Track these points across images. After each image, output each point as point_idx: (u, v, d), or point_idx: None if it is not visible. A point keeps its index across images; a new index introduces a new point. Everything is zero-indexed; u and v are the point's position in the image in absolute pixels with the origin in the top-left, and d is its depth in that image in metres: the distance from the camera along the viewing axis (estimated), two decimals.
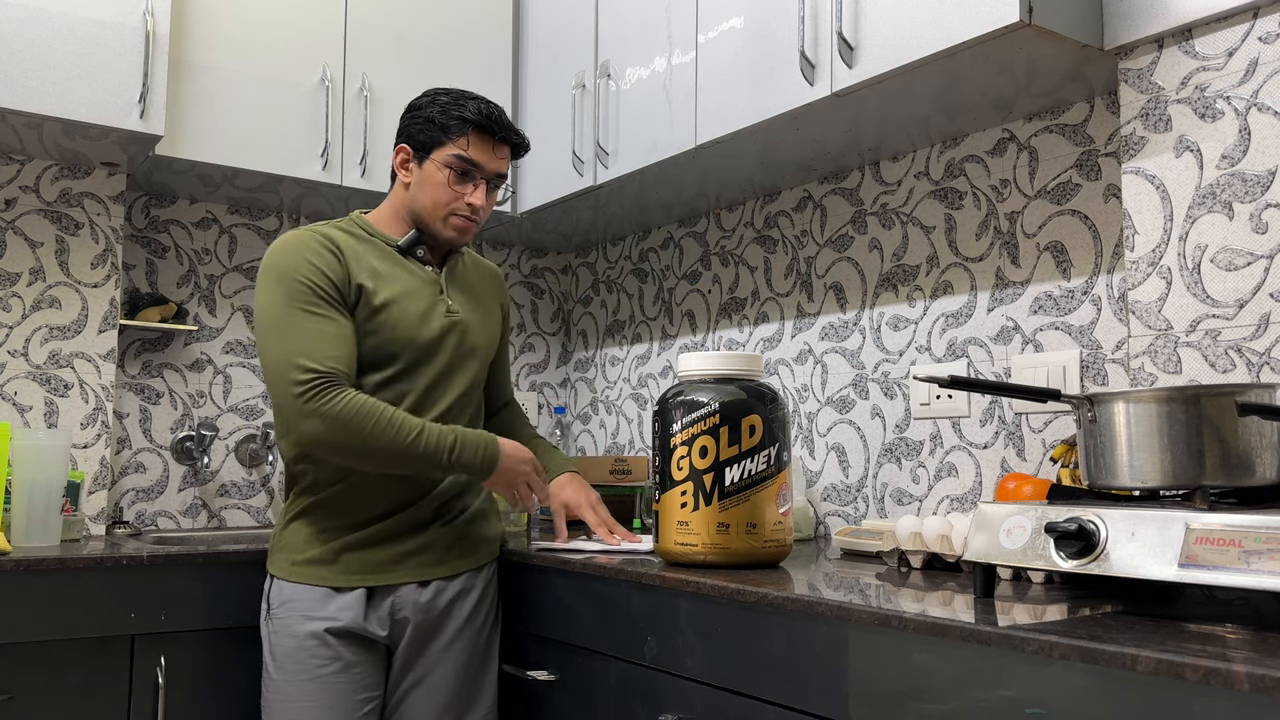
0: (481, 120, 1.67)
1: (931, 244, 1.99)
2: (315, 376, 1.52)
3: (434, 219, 1.69)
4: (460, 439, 1.59)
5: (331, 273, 1.60)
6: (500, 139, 1.69)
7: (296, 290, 1.57)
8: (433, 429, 1.57)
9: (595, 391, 2.91)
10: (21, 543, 1.86)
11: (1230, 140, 1.45)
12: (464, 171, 1.68)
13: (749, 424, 1.51)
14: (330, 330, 1.56)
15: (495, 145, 1.69)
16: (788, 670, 1.28)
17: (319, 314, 1.56)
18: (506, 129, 1.70)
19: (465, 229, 1.71)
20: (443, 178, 1.67)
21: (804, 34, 1.78)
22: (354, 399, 1.53)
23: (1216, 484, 1.14)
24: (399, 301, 1.65)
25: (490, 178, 1.70)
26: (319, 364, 1.53)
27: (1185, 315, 1.47)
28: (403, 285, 1.67)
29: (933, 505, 1.94)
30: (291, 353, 1.53)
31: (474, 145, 1.67)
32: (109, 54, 2.02)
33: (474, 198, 1.68)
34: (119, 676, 1.76)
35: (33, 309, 2.18)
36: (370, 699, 1.63)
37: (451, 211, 1.69)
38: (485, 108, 1.68)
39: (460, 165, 1.67)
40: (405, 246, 1.71)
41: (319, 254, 1.60)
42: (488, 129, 1.68)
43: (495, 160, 1.70)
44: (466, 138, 1.67)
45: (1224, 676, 0.85)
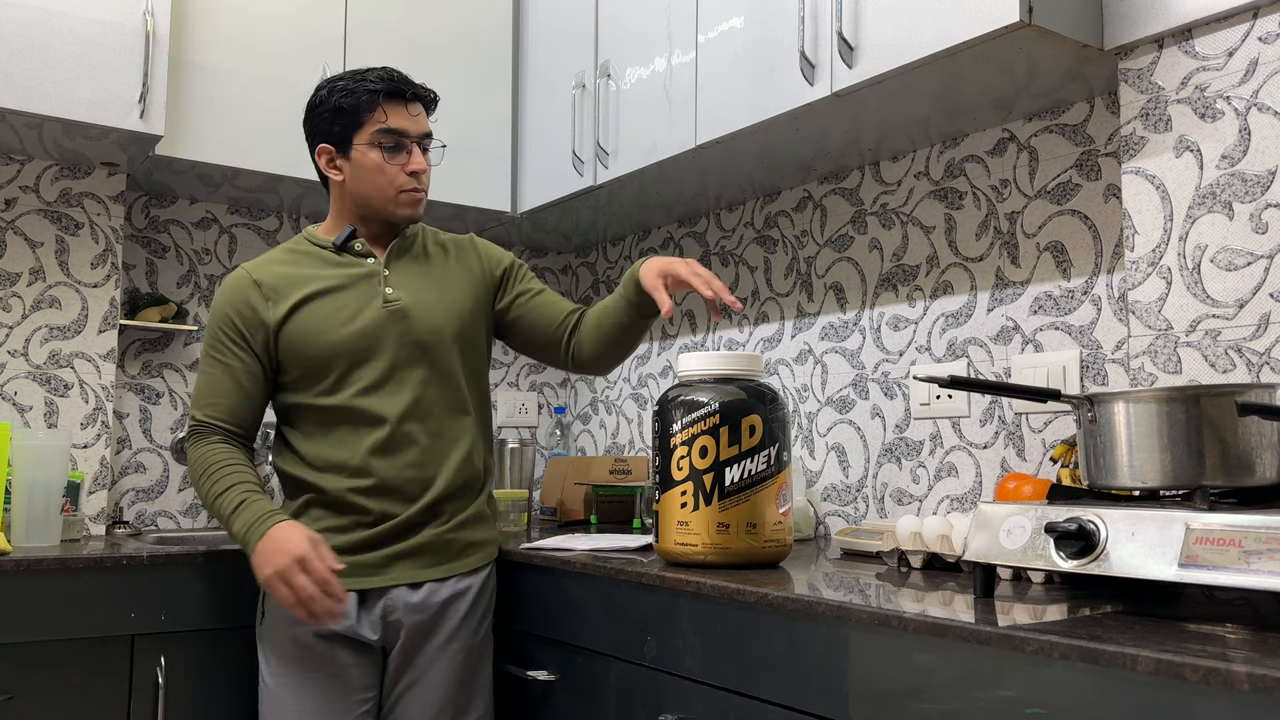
0: (388, 85, 1.65)
1: (931, 244, 1.99)
2: (194, 425, 1.66)
3: (384, 202, 1.67)
4: (244, 504, 1.55)
5: (238, 315, 1.65)
6: (411, 97, 1.67)
7: (211, 335, 1.67)
8: (234, 491, 1.57)
9: (595, 391, 2.91)
10: (21, 543, 1.86)
11: (1230, 140, 1.45)
12: (394, 144, 1.65)
13: (749, 424, 1.51)
14: (216, 377, 1.66)
15: (409, 106, 1.67)
16: (788, 670, 1.28)
17: (217, 359, 1.66)
18: (414, 86, 1.68)
19: (417, 201, 1.68)
20: (375, 159, 1.65)
21: (804, 34, 1.78)
22: (196, 451, 1.63)
23: (1216, 484, 1.14)
24: (324, 301, 1.64)
25: (418, 139, 1.68)
26: (200, 412, 1.65)
27: (1185, 315, 1.47)
28: (331, 285, 1.66)
29: (933, 505, 1.94)
30: (193, 397, 1.68)
31: (391, 114, 1.65)
32: (109, 54, 2.02)
33: (414, 164, 1.66)
34: (119, 676, 1.76)
35: (33, 309, 2.18)
36: (365, 700, 1.63)
37: (398, 188, 1.66)
38: (385, 72, 1.66)
39: (388, 139, 1.65)
40: (339, 243, 1.69)
41: (233, 298, 1.67)
42: (396, 93, 1.65)
43: (415, 121, 1.67)
44: (380, 109, 1.64)
45: (1224, 676, 0.85)
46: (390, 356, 1.65)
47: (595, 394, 2.91)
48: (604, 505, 2.38)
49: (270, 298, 1.65)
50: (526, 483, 2.45)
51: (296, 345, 1.63)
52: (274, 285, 1.66)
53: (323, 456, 1.63)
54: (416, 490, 1.65)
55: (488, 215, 2.57)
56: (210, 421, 1.64)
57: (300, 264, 1.69)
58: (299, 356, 1.63)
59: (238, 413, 1.65)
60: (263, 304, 1.65)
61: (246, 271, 1.68)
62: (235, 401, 1.65)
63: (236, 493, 1.57)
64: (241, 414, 1.65)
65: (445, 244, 1.79)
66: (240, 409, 1.65)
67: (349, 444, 1.63)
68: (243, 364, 1.65)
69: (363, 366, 1.64)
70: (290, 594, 1.47)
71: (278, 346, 1.64)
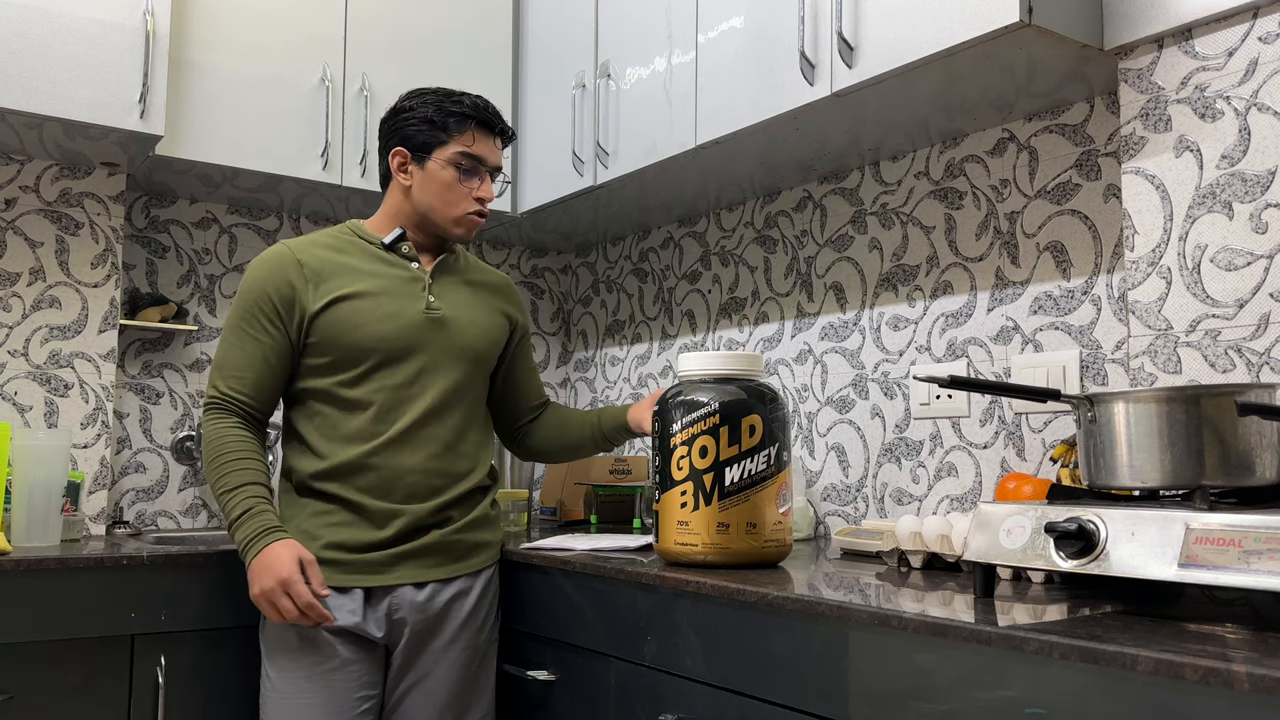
0: (482, 115, 1.71)
1: (931, 244, 1.99)
2: (211, 397, 1.65)
3: (445, 219, 1.71)
4: (250, 512, 1.57)
5: (277, 293, 1.64)
6: (498, 131, 1.74)
7: (242, 307, 1.66)
8: (242, 493, 1.58)
9: (595, 391, 2.91)
10: (21, 543, 1.86)
11: (1230, 140, 1.45)
12: (470, 168, 1.70)
13: (749, 424, 1.51)
14: (245, 351, 1.64)
15: (493, 138, 1.74)
16: (788, 670, 1.28)
17: (248, 333, 1.65)
18: (502, 121, 1.75)
19: (475, 225, 1.74)
20: (449, 176, 1.70)
21: (804, 34, 1.78)
22: (215, 428, 1.63)
23: (1216, 484, 1.14)
24: (368, 298, 1.66)
25: (492, 170, 1.74)
26: (222, 384, 1.64)
27: (1185, 315, 1.47)
28: (378, 283, 1.68)
29: (933, 505, 1.94)
30: (214, 368, 1.67)
31: (478, 140, 1.71)
32: (109, 54, 2.02)
33: (483, 191, 1.72)
34: (119, 676, 1.76)
35: (33, 309, 2.18)
36: (367, 698, 1.63)
37: (463, 210, 1.71)
38: (481, 102, 1.73)
39: (467, 162, 1.70)
40: (389, 243, 1.72)
41: (274, 273, 1.65)
42: (488, 123, 1.72)
43: (495, 153, 1.74)
44: (470, 133, 1.70)
45: (1224, 676, 0.85)
46: (422, 361, 1.68)
47: (595, 394, 2.91)
48: (604, 505, 2.38)
49: (312, 280, 1.65)
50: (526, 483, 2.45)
51: (333, 333, 1.64)
52: (317, 269, 1.66)
53: (335, 451, 1.64)
54: (427, 492, 1.67)
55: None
56: (233, 396, 1.63)
57: (346, 253, 1.70)
58: (334, 344, 1.64)
59: (261, 390, 1.65)
60: (303, 285, 1.65)
61: (290, 249, 1.68)
62: (261, 378, 1.64)
63: (244, 496, 1.58)
64: (265, 392, 1.65)
65: (485, 275, 1.86)
66: (264, 386, 1.65)
67: (363, 439, 1.64)
68: (274, 341, 1.64)
69: (394, 365, 1.66)
70: (277, 614, 1.54)
71: (310, 330, 1.65)
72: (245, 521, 1.56)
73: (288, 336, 1.65)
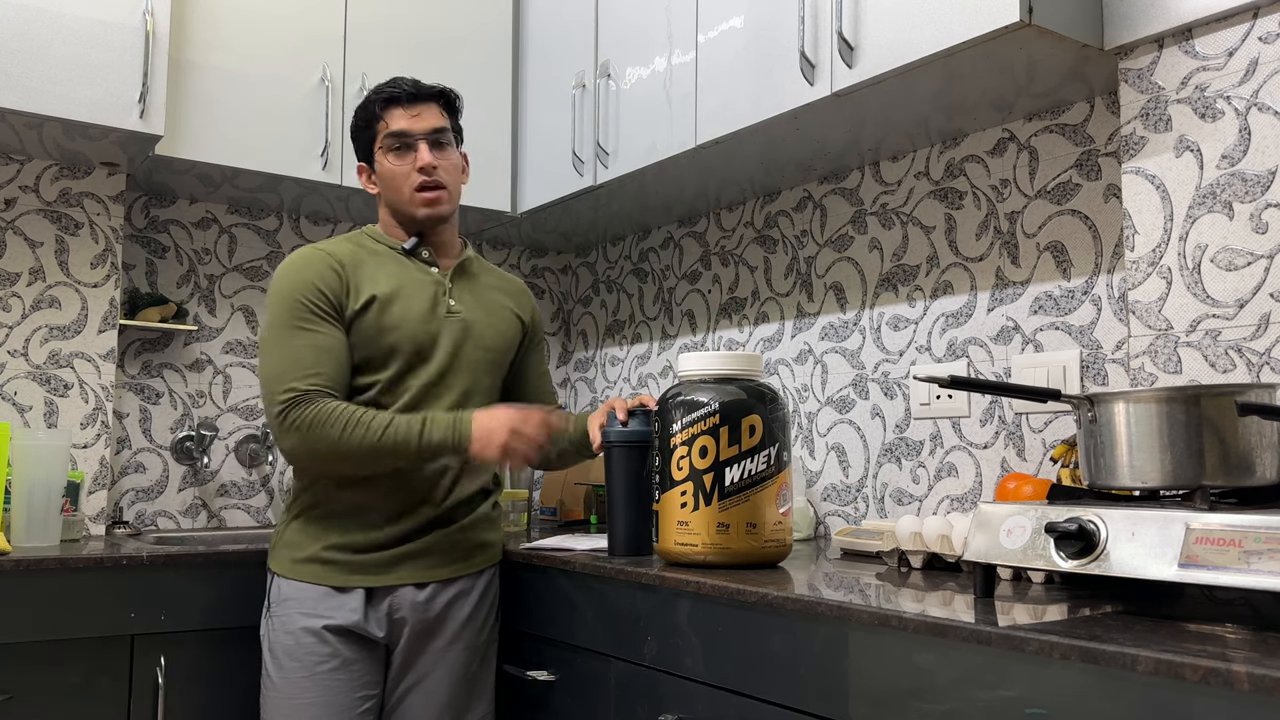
0: (386, 93, 1.71)
1: (931, 244, 1.99)
2: (294, 394, 1.56)
3: (405, 203, 1.72)
4: (429, 420, 1.57)
5: (328, 288, 1.62)
6: (408, 99, 1.70)
7: (294, 307, 1.61)
8: (400, 419, 1.56)
9: (595, 391, 2.91)
10: (21, 543, 1.86)
11: (1230, 140, 1.45)
12: (397, 146, 1.70)
13: (749, 424, 1.51)
14: (317, 344, 1.59)
15: (408, 108, 1.70)
16: (788, 670, 1.28)
17: (309, 329, 1.60)
18: (412, 85, 1.71)
19: (435, 199, 1.71)
20: (389, 164, 1.71)
21: (804, 34, 1.78)
22: (323, 408, 1.55)
23: (1216, 484, 1.14)
24: (401, 300, 1.67)
25: (424, 136, 1.70)
26: (298, 381, 1.56)
27: (1185, 315, 1.47)
28: (404, 286, 1.69)
29: (933, 505, 1.94)
30: (277, 372, 1.57)
31: (391, 119, 1.70)
32: (109, 54, 2.02)
33: (420, 160, 1.69)
34: (119, 676, 1.76)
35: (33, 309, 2.18)
36: (368, 698, 1.63)
37: (411, 187, 1.70)
38: (389, 82, 1.72)
39: (393, 142, 1.70)
40: (410, 248, 1.73)
41: (319, 271, 1.63)
42: (392, 98, 1.71)
43: (418, 119, 1.71)
44: (384, 117, 1.71)
45: (1224, 676, 0.85)
46: (443, 363, 1.68)
47: (595, 394, 2.91)
48: (604, 505, 2.38)
49: (350, 280, 1.65)
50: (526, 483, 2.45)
51: (368, 334, 1.64)
52: (352, 272, 1.66)
53: None
54: (440, 494, 1.67)
55: (488, 215, 2.57)
56: (318, 388, 1.57)
57: (371, 257, 1.70)
58: (366, 345, 1.64)
59: (338, 383, 1.60)
60: (345, 285, 1.65)
61: (324, 251, 1.67)
62: (335, 371, 1.60)
63: (404, 419, 1.56)
64: (340, 384, 1.61)
65: (500, 279, 1.87)
66: (339, 379, 1.60)
67: None
68: (336, 332, 1.62)
69: (418, 368, 1.67)
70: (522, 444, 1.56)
71: (349, 331, 1.64)
72: (432, 426, 1.56)
73: (343, 330, 1.63)
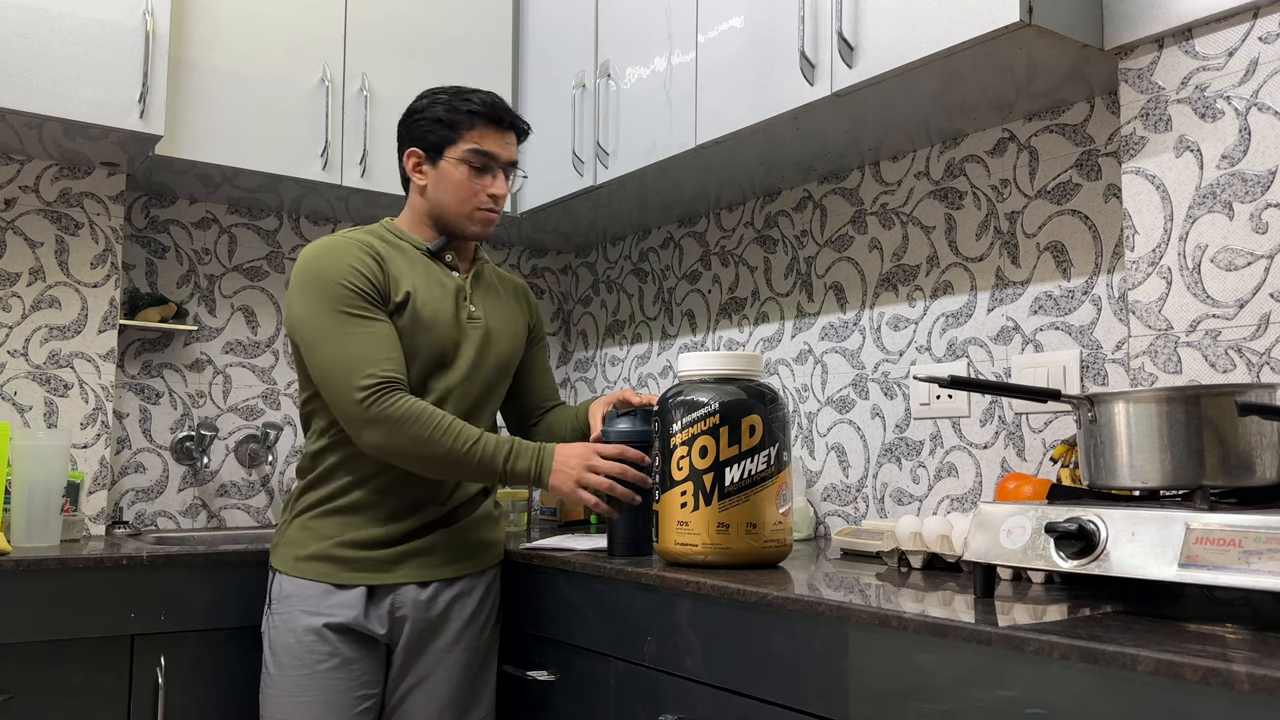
0: (489, 111, 1.70)
1: (931, 244, 1.99)
2: (377, 383, 1.53)
3: (459, 216, 1.71)
4: (515, 448, 1.58)
5: (373, 276, 1.61)
6: (508, 126, 1.72)
7: (341, 295, 1.57)
8: (489, 438, 1.57)
9: (595, 391, 2.91)
10: (21, 543, 1.86)
11: (1230, 140, 1.45)
12: (482, 165, 1.70)
13: (749, 424, 1.51)
14: (383, 333, 1.58)
15: (504, 133, 1.72)
16: (788, 670, 1.28)
17: (368, 318, 1.58)
18: (512, 116, 1.73)
19: (490, 221, 1.73)
20: (462, 174, 1.69)
21: (804, 34, 1.78)
22: (414, 405, 1.54)
23: (1216, 484, 1.14)
24: (429, 305, 1.66)
25: (505, 165, 1.73)
26: (379, 369, 1.54)
27: (1185, 315, 1.47)
28: (431, 289, 1.68)
29: (933, 505, 1.94)
30: (351, 359, 1.54)
31: (486, 137, 1.70)
32: (109, 54, 2.02)
33: (495, 188, 1.71)
34: (119, 676, 1.76)
35: (33, 309, 2.18)
36: (368, 696, 1.63)
37: (475, 206, 1.70)
38: (489, 98, 1.71)
39: (477, 159, 1.69)
40: (435, 250, 1.72)
41: (359, 258, 1.61)
42: (496, 118, 1.70)
43: (507, 148, 1.73)
44: (477, 130, 1.69)
45: (1224, 676, 0.85)
46: (465, 368, 1.68)
47: (595, 394, 2.91)
48: None
49: (389, 277, 1.64)
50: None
51: (406, 332, 1.63)
52: (388, 267, 1.64)
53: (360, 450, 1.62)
54: (444, 493, 1.68)
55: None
56: (396, 375, 1.55)
57: (401, 255, 1.69)
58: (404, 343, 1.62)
59: (404, 370, 1.59)
60: (386, 281, 1.63)
61: (363, 243, 1.64)
62: (401, 357, 1.58)
63: (493, 440, 1.56)
64: (405, 376, 1.59)
65: (506, 281, 1.86)
66: (404, 366, 1.59)
67: None
68: (390, 320, 1.60)
69: (442, 372, 1.67)
70: (591, 496, 1.58)
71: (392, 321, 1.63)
72: (518, 452, 1.57)
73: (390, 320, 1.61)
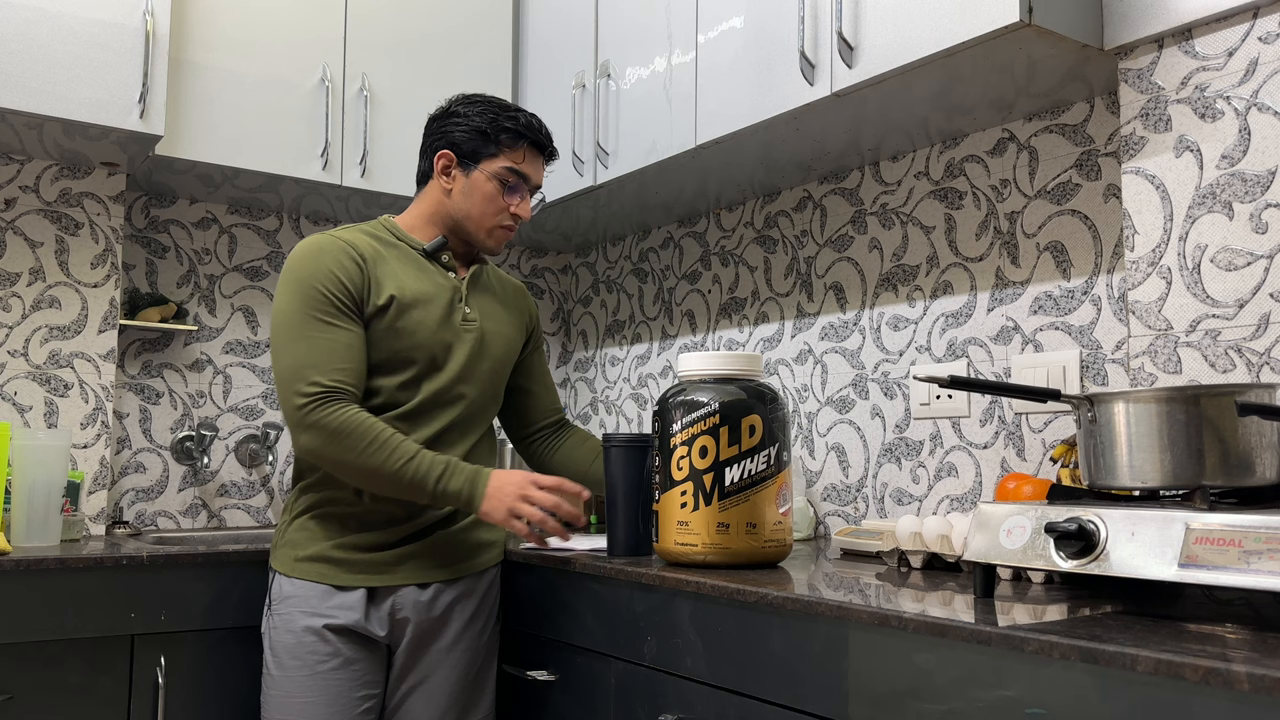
0: (535, 136, 1.70)
1: (931, 244, 1.99)
2: (319, 390, 1.53)
3: (479, 228, 1.70)
4: (451, 468, 1.55)
5: (350, 281, 1.59)
6: (547, 154, 1.74)
7: (313, 297, 1.57)
8: (425, 457, 1.54)
9: (595, 391, 2.91)
10: (21, 543, 1.86)
11: (1230, 140, 1.45)
12: (513, 184, 1.70)
13: (749, 424, 1.51)
14: (342, 341, 1.57)
15: (543, 160, 1.74)
16: (788, 670, 1.28)
17: (332, 324, 1.57)
18: (551, 143, 1.74)
19: (505, 238, 1.74)
20: (492, 189, 1.68)
21: (804, 34, 1.78)
22: (352, 416, 1.53)
23: (1216, 484, 1.14)
24: (420, 306, 1.65)
25: (533, 189, 1.74)
26: (325, 377, 1.54)
27: (1185, 315, 1.47)
28: (424, 290, 1.67)
29: (933, 505, 1.94)
30: (301, 364, 1.54)
31: (527, 159, 1.70)
32: (109, 54, 2.02)
33: (521, 209, 1.71)
34: (119, 676, 1.76)
35: (33, 309, 2.18)
36: (369, 697, 1.63)
37: (498, 223, 1.71)
38: (536, 122, 1.72)
39: (513, 179, 1.69)
40: (431, 250, 1.71)
41: (339, 261, 1.60)
42: (540, 145, 1.72)
43: (539, 172, 1.74)
44: (521, 151, 1.69)
45: (1224, 676, 0.85)
46: (455, 373, 1.67)
47: (595, 394, 2.91)
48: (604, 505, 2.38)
49: (371, 278, 1.62)
50: None
51: (385, 337, 1.62)
52: (374, 268, 1.63)
53: None
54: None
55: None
56: (343, 386, 1.54)
57: (393, 255, 1.68)
58: (382, 346, 1.62)
59: (360, 380, 1.58)
60: (366, 282, 1.62)
61: (342, 241, 1.63)
62: (359, 367, 1.57)
63: (429, 457, 1.54)
64: (361, 385, 1.58)
65: (505, 284, 1.86)
66: (361, 376, 1.58)
67: None
68: (358, 328, 1.59)
69: (434, 375, 1.66)
70: (536, 510, 1.55)
71: (366, 328, 1.62)
72: (452, 472, 1.54)
73: (362, 326, 1.61)
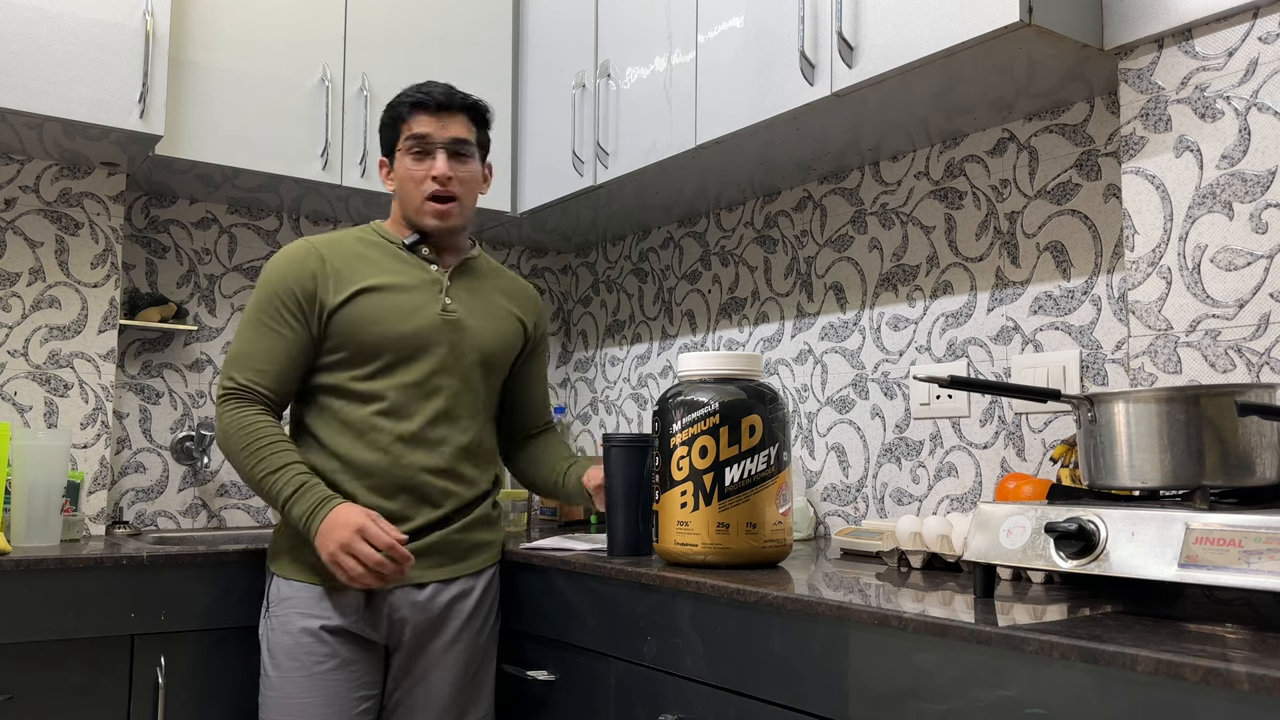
0: (415, 97, 1.72)
1: (931, 244, 1.99)
2: (232, 387, 1.64)
3: (413, 208, 1.73)
4: (302, 491, 1.57)
5: (299, 285, 1.64)
6: (438, 108, 1.72)
7: (262, 301, 1.66)
8: (288, 473, 1.58)
9: (595, 391, 2.91)
10: (21, 543, 1.86)
11: (1230, 140, 1.45)
12: (418, 150, 1.72)
13: (749, 424, 1.51)
14: (274, 347, 1.64)
15: (437, 115, 1.72)
16: (788, 670, 1.28)
17: (270, 327, 1.64)
18: (442, 95, 1.72)
19: (444, 212, 1.72)
20: (405, 165, 1.73)
21: (804, 34, 1.78)
22: (243, 419, 1.61)
23: (1216, 484, 1.14)
24: (390, 292, 1.67)
25: (445, 145, 1.72)
26: (241, 375, 1.64)
27: (1185, 315, 1.47)
28: (398, 280, 1.69)
29: (933, 505, 1.94)
30: (229, 361, 1.66)
31: (417, 122, 1.72)
32: (109, 54, 2.02)
33: (436, 169, 1.70)
34: (119, 676, 1.76)
35: (33, 309, 2.18)
36: (367, 698, 1.63)
37: (423, 195, 1.71)
38: (422, 86, 1.74)
39: (415, 145, 1.71)
40: (410, 243, 1.74)
41: (294, 267, 1.66)
42: (420, 103, 1.72)
43: (443, 128, 1.72)
44: (408, 121, 1.72)
45: (1224, 676, 0.85)
46: (435, 362, 1.68)
47: (595, 394, 2.91)
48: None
49: (332, 276, 1.67)
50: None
51: (350, 329, 1.65)
52: (339, 266, 1.68)
53: (348, 449, 1.64)
54: (438, 496, 1.67)
55: (487, 215, 2.57)
56: (253, 387, 1.63)
57: (368, 251, 1.72)
58: (349, 339, 1.65)
59: (282, 383, 1.65)
60: (324, 280, 1.66)
61: (313, 246, 1.69)
62: (283, 370, 1.65)
63: (293, 474, 1.58)
64: (285, 384, 1.66)
65: (506, 281, 1.86)
66: (285, 379, 1.65)
67: (374, 438, 1.64)
68: (295, 335, 1.65)
69: (407, 364, 1.67)
70: (355, 564, 1.52)
71: (329, 325, 1.66)
72: (301, 496, 1.57)
73: (309, 330, 1.65)
